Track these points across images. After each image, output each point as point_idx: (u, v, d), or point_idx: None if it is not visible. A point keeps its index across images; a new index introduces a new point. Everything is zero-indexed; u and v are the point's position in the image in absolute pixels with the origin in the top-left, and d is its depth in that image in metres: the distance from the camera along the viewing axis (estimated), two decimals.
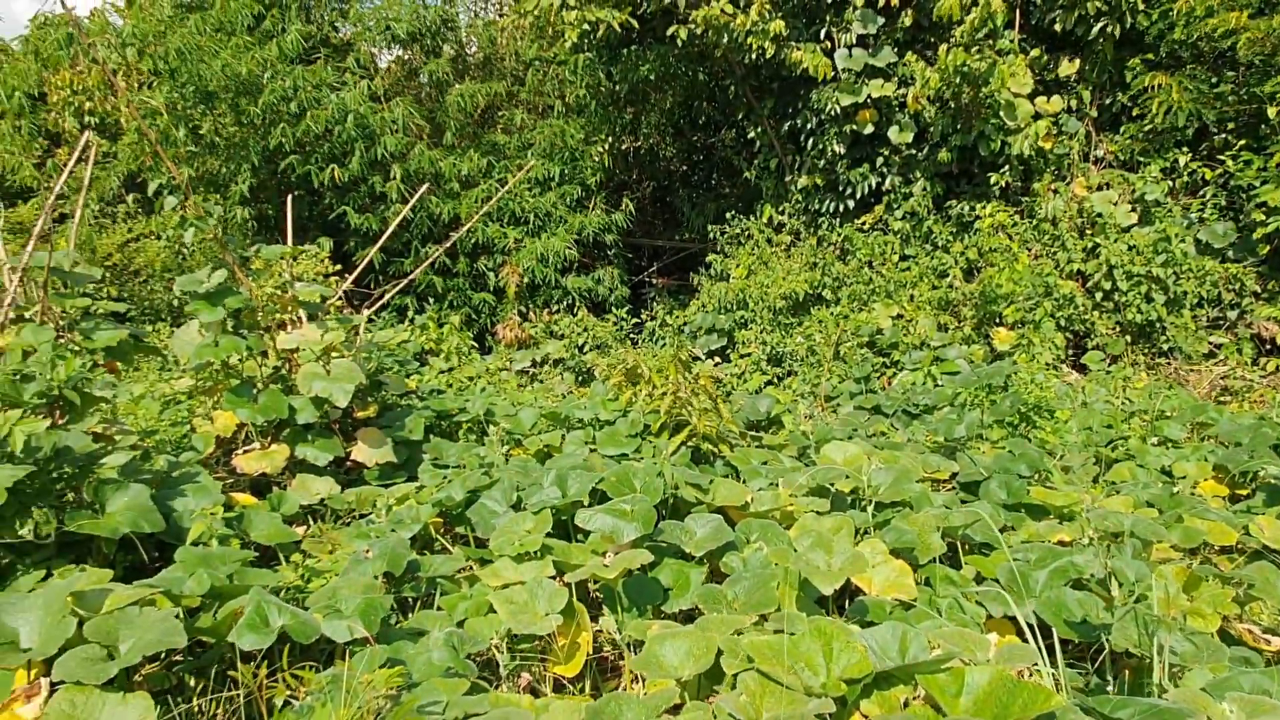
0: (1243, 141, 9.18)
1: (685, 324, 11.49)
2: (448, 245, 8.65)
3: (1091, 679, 3.44)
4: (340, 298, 10.64)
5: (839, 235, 10.98)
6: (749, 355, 10.29)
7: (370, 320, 10.29)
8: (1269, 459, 5.66)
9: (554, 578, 3.72)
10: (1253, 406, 7.63)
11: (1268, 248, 8.91)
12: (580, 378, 10.80)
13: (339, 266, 9.98)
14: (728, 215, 12.02)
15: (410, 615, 3.77)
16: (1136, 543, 4.03)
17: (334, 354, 5.75)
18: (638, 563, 3.55)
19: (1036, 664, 2.89)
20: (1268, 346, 8.77)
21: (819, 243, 11.12)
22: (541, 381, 10.71)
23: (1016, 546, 4.21)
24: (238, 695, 2.78)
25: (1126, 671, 3.23)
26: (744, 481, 5.22)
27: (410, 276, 8.40)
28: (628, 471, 4.43)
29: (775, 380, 9.97)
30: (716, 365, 10.57)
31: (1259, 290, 8.99)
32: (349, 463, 5.79)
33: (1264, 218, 8.64)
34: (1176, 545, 4.52)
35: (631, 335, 12.06)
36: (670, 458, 5.44)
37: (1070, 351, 9.44)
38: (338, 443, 5.54)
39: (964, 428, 6.28)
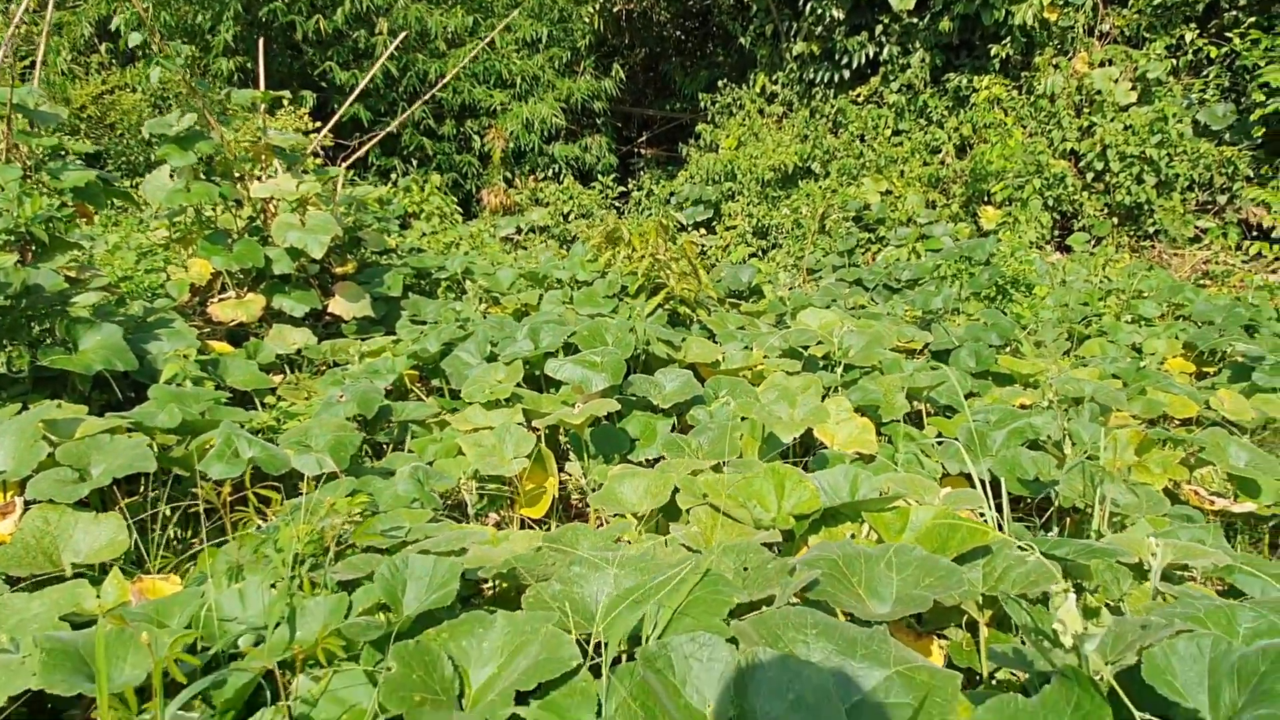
0: (1252, 19, 8.89)
1: (672, 195, 11.34)
2: (425, 99, 8.39)
3: (1038, 532, 3.58)
4: (322, 155, 10.39)
5: (832, 107, 10.72)
6: (734, 228, 10.20)
7: (352, 182, 10.10)
8: (1239, 337, 5.73)
9: (524, 425, 3.80)
10: (1231, 290, 7.67)
11: (1264, 130, 8.76)
12: (565, 245, 10.71)
13: (319, 123, 9.72)
14: (720, 84, 11.68)
15: (383, 460, 3.86)
16: (1095, 407, 4.12)
17: (310, 205, 5.67)
18: (604, 411, 3.61)
19: (982, 510, 3.00)
20: (1254, 232, 8.74)
21: (812, 114, 10.85)
22: (525, 249, 10.63)
23: (980, 409, 4.29)
24: (198, 506, 2.86)
25: (1069, 521, 3.36)
26: (719, 343, 5.26)
27: (388, 129, 8.18)
28: (600, 326, 4.46)
29: (760, 253, 9.92)
30: (702, 236, 10.49)
31: (1251, 174, 8.88)
32: (327, 316, 5.80)
33: (1264, 99, 8.45)
34: (1137, 415, 4.62)
35: (617, 204, 11.90)
36: (646, 318, 5.46)
37: (1057, 233, 9.39)
38: (315, 295, 5.52)
39: (941, 300, 6.31)
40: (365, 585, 2.03)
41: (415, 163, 12.08)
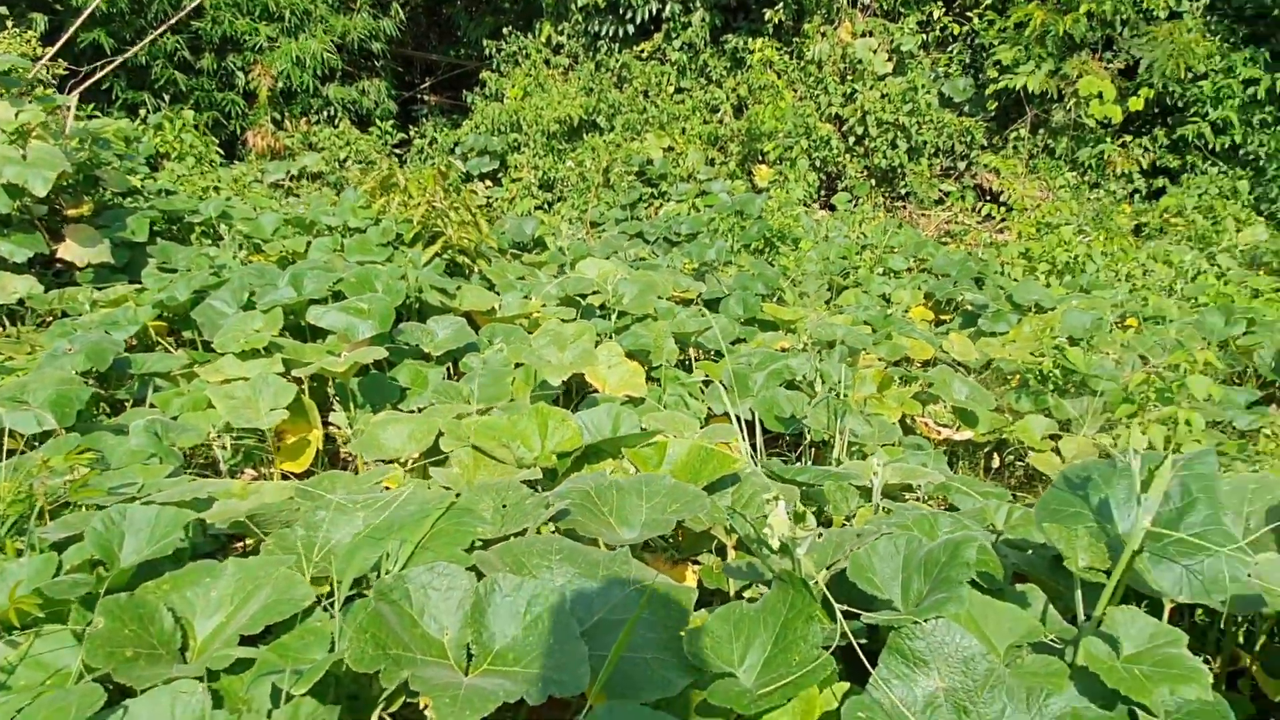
0: (990, 1, 9.79)
1: (457, 144, 11.03)
2: (171, 23, 7.63)
3: (792, 462, 3.86)
4: (56, 86, 9.20)
5: (617, 61, 10.79)
6: (520, 180, 10.09)
7: (91, 117, 9.04)
8: (969, 289, 6.39)
9: (284, 376, 3.59)
10: (966, 247, 8.52)
11: (996, 104, 9.73)
12: (341, 193, 10.17)
13: (51, 49, 8.58)
14: (505, 31, 11.44)
15: (121, 416, 3.53)
16: (845, 350, 4.46)
17: (34, 137, 5.02)
18: (371, 359, 3.49)
19: (739, 444, 3.18)
20: (987, 196, 9.73)
21: (597, 68, 10.88)
22: (297, 196, 9.99)
23: (744, 353, 4.53)
24: None
25: (814, 452, 3.63)
26: (498, 293, 5.21)
27: (126, 56, 7.36)
28: (370, 273, 4.28)
29: (546, 206, 9.89)
30: (488, 189, 10.30)
31: (985, 143, 9.86)
32: (57, 263, 5.20)
33: (997, 75, 9.38)
34: (883, 357, 5.05)
35: (398, 152, 11.44)
36: (423, 267, 5.31)
37: (823, 192, 10.02)
38: (40, 238, 4.93)
39: (715, 252, 6.57)
40: (80, 543, 1.85)
41: (169, 99, 10.99)
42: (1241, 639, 2.43)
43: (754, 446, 3.37)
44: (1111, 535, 1.85)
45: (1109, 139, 9.29)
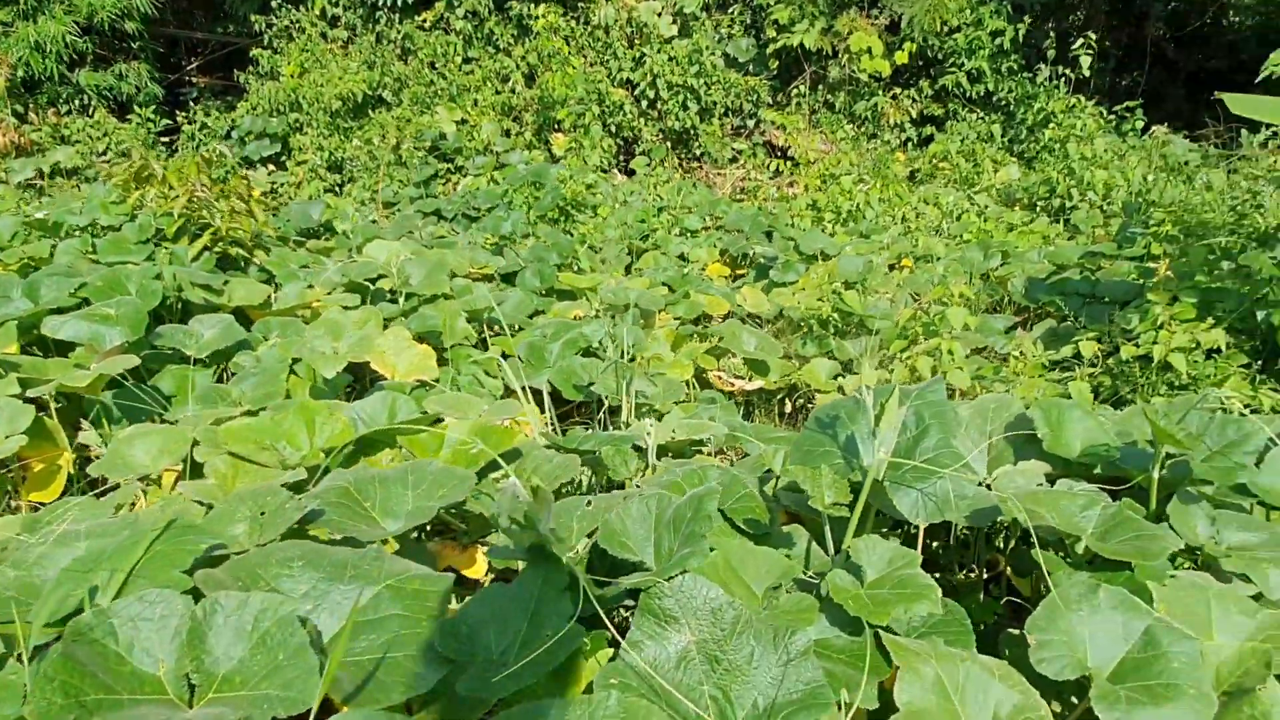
0: None
1: (233, 128, 10.28)
2: None
3: (594, 429, 3.85)
4: None
5: (399, 32, 10.36)
6: (305, 162, 9.54)
7: None
8: (759, 242, 6.62)
9: (21, 397, 3.23)
10: (759, 202, 8.82)
11: (778, 63, 10.08)
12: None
13: None
14: (275, 5, 10.72)
15: None
16: (637, 312, 4.50)
17: None
18: (120, 369, 3.19)
19: (526, 416, 3.13)
20: (777, 152, 10.10)
21: (378, 40, 10.41)
22: (52, 197, 9.03)
23: (540, 324, 4.48)
24: None
25: (609, 416, 3.65)
26: (277, 285, 4.90)
27: None
28: (120, 275, 3.91)
29: (336, 188, 9.41)
30: (271, 173, 9.68)
31: (770, 101, 10.21)
32: None
33: (776, 34, 9.69)
34: (681, 316, 5.14)
35: (167, 140, 10.55)
36: (192, 262, 4.90)
37: (622, 157, 10.07)
38: None
39: (511, 225, 6.46)
40: None
41: None
42: (1001, 544, 2.65)
43: (547, 418, 3.33)
44: (858, 469, 1.94)
45: (881, 92, 9.84)
